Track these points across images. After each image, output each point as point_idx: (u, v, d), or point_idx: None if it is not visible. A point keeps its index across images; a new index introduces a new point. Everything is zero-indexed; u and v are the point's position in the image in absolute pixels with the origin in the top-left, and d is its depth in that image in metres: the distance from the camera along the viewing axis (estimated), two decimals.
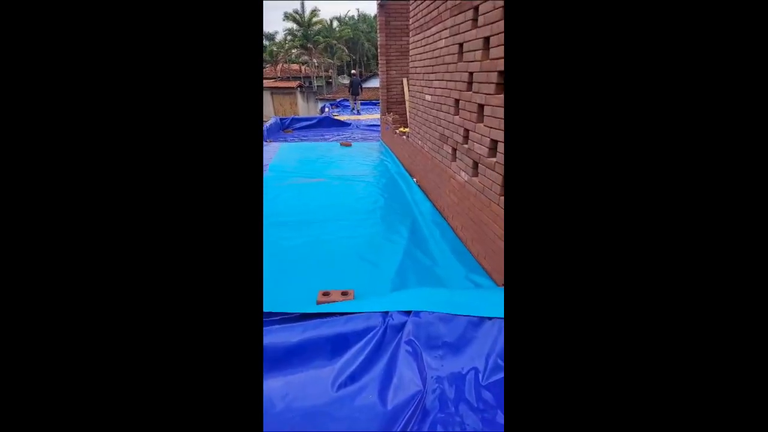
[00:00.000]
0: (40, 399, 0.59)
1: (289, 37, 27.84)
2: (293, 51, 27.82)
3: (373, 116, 11.41)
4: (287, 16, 25.26)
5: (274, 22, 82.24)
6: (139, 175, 0.65)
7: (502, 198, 1.97)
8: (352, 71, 15.81)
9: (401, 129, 5.07)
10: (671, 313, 0.61)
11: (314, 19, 26.40)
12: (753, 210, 0.57)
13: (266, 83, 20.46)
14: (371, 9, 33.30)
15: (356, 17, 35.69)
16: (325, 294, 1.96)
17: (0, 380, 0.58)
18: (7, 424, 0.57)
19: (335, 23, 29.83)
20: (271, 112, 18.91)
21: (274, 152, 6.10)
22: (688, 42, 0.59)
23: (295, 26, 26.07)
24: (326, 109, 12.68)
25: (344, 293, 1.97)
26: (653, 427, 0.60)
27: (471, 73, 2.28)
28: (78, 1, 0.61)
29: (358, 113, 12.12)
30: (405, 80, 6.64)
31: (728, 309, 0.58)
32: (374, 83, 22.19)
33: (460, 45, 2.42)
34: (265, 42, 30.42)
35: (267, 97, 19.71)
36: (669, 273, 0.61)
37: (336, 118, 9.74)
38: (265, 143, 6.94)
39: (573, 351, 0.64)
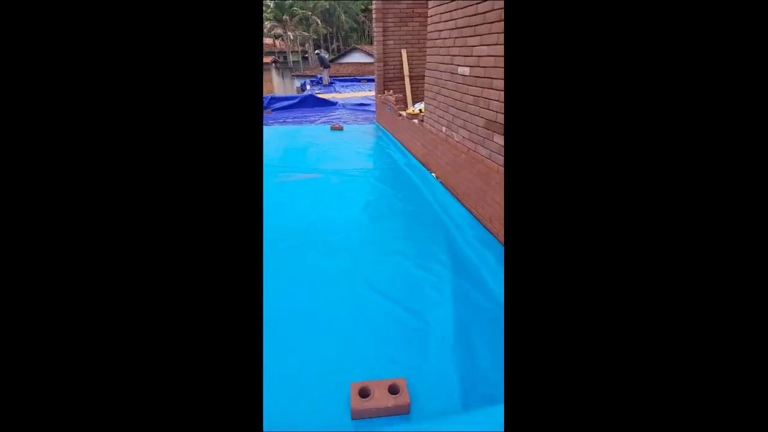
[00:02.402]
0: (37, 404, 0.59)
1: None
2: (266, 23, 26.00)
3: (357, 94, 10.43)
4: None
5: None
6: (134, 175, 0.64)
7: None
8: (316, 51, 15.93)
9: (409, 111, 4.25)
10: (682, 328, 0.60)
11: None
12: (753, 210, 0.58)
13: None
14: None
15: None
16: (364, 393, 1.20)
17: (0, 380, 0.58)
18: (7, 424, 0.58)
19: None
20: None
21: None
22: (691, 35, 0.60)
23: None
24: (308, 87, 11.53)
25: (393, 388, 1.22)
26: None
27: None
28: None
29: (331, 83, 12.03)
30: (404, 52, 5.74)
31: (728, 304, 0.58)
32: (354, 58, 20.99)
33: None
34: None
35: None
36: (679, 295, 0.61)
37: (320, 96, 8.72)
38: None
39: (576, 356, 0.63)
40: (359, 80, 13.21)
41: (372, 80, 12.50)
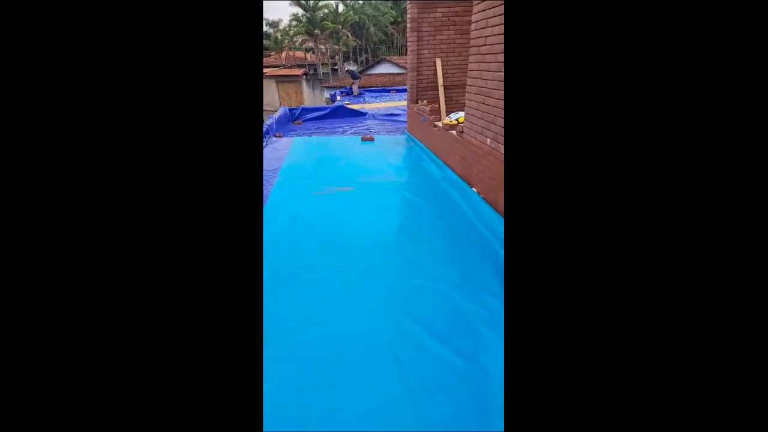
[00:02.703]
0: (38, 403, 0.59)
1: (294, 23, 26.87)
2: (298, 37, 26.80)
3: (387, 104, 10.33)
4: (293, 1, 24.46)
5: (280, 9, 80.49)
6: (130, 175, 0.64)
7: None
8: (346, 68, 16.57)
9: (446, 121, 4.03)
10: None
11: (320, 3, 25.27)
12: (753, 210, 0.58)
13: (271, 72, 19.44)
14: None
15: (362, 1, 34.35)
16: None
17: (0, 380, 0.59)
18: (7, 424, 0.58)
19: (341, 7, 28.50)
20: (276, 101, 17.92)
21: (286, 149, 5.07)
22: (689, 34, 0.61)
23: (300, 12, 25.13)
24: (338, 97, 11.57)
25: None
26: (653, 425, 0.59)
27: None
28: None
29: (361, 94, 12.25)
30: (438, 61, 5.55)
31: (725, 293, 0.58)
32: (382, 69, 21.15)
33: None
34: (270, 29, 29.45)
35: (272, 86, 18.67)
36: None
37: (349, 107, 8.67)
38: (274, 138, 5.94)
39: (575, 351, 0.64)
40: (388, 91, 13.16)
41: (401, 90, 12.42)
